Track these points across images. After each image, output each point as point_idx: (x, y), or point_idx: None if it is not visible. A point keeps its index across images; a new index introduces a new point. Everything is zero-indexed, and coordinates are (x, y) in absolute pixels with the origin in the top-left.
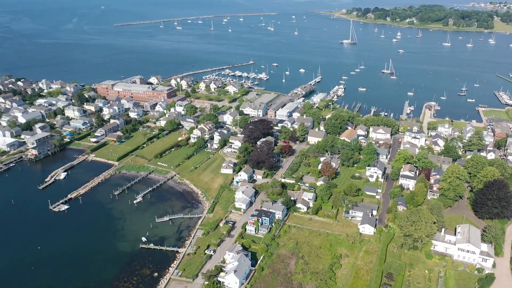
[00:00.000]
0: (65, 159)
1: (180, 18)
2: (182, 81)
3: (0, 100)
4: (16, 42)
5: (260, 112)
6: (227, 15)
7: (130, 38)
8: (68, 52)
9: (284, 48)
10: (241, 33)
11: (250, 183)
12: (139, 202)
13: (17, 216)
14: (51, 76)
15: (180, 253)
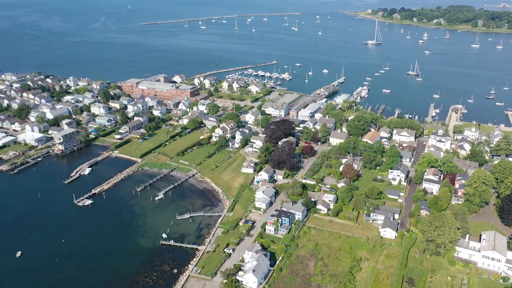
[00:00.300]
0: (90, 155)
1: (204, 17)
2: (205, 80)
3: (30, 96)
4: (45, 40)
5: (282, 112)
6: (251, 15)
7: (155, 37)
8: (95, 50)
9: (308, 48)
10: (265, 32)
11: (271, 183)
12: (161, 199)
13: (43, 209)
14: (78, 73)
15: (200, 250)
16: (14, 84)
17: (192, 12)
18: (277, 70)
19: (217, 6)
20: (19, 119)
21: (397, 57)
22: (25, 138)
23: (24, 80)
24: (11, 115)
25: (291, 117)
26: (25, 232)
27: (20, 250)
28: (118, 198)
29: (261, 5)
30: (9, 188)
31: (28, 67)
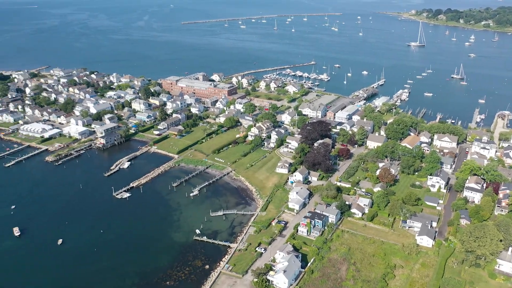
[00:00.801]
0: (129, 150)
1: (244, 17)
2: (243, 79)
3: (75, 91)
4: (92, 37)
5: (319, 113)
6: (291, 15)
7: (195, 36)
8: (138, 48)
9: (348, 49)
10: (304, 32)
11: (305, 184)
12: (195, 195)
13: (84, 200)
14: (121, 70)
15: (232, 248)
16: (61, 79)
17: (232, 11)
18: (316, 71)
19: (257, 6)
20: (65, 113)
21: (441, 59)
22: (69, 131)
23: (70, 75)
24: (57, 108)
25: (328, 118)
26: (67, 221)
27: (61, 238)
28: (155, 192)
29: (301, 5)
30: (53, 178)
31: (75, 63)
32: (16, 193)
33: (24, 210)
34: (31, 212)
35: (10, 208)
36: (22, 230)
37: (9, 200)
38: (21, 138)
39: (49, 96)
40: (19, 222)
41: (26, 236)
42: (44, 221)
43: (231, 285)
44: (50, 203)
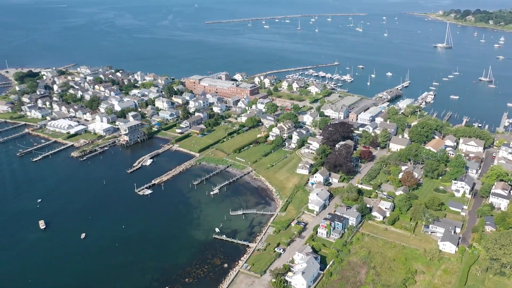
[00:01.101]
0: (152, 147)
1: (268, 17)
2: (265, 79)
3: (101, 88)
4: (117, 36)
5: (341, 114)
6: (315, 15)
7: (219, 36)
8: (162, 47)
9: (372, 50)
10: (328, 33)
11: (325, 186)
12: (216, 194)
13: (107, 196)
14: (145, 68)
15: (251, 247)
16: (88, 77)
17: (256, 11)
18: (339, 72)
19: (281, 5)
20: (90, 110)
21: (468, 61)
22: (94, 127)
23: (96, 73)
24: (83, 105)
25: (350, 120)
26: (90, 215)
27: (84, 232)
28: (176, 190)
29: (326, 5)
30: (78, 173)
31: (101, 61)
32: (42, 187)
33: (50, 204)
34: (56, 206)
35: (37, 201)
36: (47, 224)
37: (35, 193)
38: (48, 133)
39: (76, 93)
40: (45, 215)
41: (51, 229)
42: (68, 215)
43: (249, 285)
44: (74, 197)
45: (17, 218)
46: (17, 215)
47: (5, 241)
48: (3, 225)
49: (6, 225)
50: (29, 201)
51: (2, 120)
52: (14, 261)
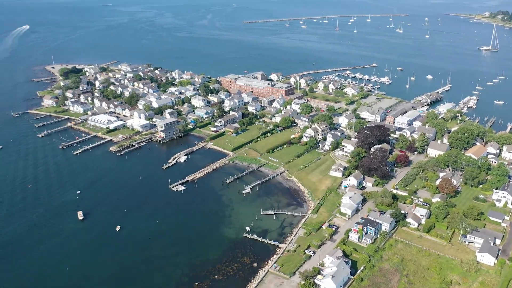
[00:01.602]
0: (187, 144)
1: (306, 17)
2: (301, 79)
3: (140, 85)
4: (157, 34)
5: (377, 117)
6: (354, 15)
7: (256, 35)
8: (200, 45)
9: (412, 51)
10: (367, 34)
11: (359, 189)
12: (248, 193)
13: (142, 190)
14: (183, 67)
15: (281, 248)
16: (128, 74)
17: (294, 11)
18: (377, 73)
19: (319, 5)
20: (129, 106)
21: None
22: (132, 123)
23: (136, 70)
24: (123, 101)
25: (387, 123)
26: (125, 209)
27: (119, 224)
28: (209, 187)
29: (365, 6)
30: (116, 167)
31: (141, 59)
32: (81, 179)
33: (88, 195)
34: (94, 198)
35: (76, 193)
36: (85, 215)
37: (75, 185)
38: (89, 128)
39: (116, 89)
40: (83, 206)
41: (89, 220)
42: (105, 208)
43: (278, 285)
44: (111, 190)
45: (58, 208)
46: (58, 206)
47: (47, 230)
48: (45, 214)
49: (49, 214)
50: (69, 192)
51: (47, 113)
52: (54, 249)
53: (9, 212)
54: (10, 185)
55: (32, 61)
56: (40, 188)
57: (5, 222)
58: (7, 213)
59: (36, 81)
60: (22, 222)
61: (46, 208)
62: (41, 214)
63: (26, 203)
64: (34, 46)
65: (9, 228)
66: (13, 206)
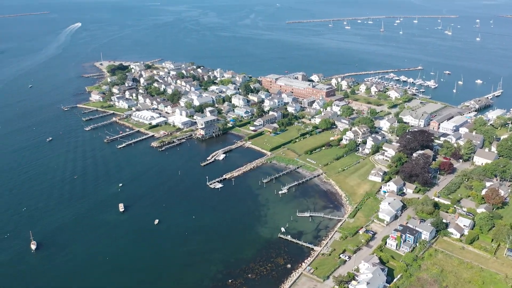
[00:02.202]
0: (226, 143)
1: (350, 17)
2: (343, 81)
3: (182, 83)
4: (201, 33)
5: (421, 122)
6: (400, 16)
7: (299, 35)
8: (242, 45)
9: (461, 55)
10: (413, 35)
11: (399, 195)
12: (284, 194)
13: (180, 186)
14: (225, 66)
15: (315, 251)
16: (171, 71)
17: (337, 12)
18: (422, 77)
19: (364, 6)
20: (171, 103)
21: None
22: (174, 120)
23: (179, 68)
24: (165, 98)
25: (431, 128)
26: (164, 203)
27: (157, 218)
28: (246, 186)
29: (412, 6)
30: (157, 162)
31: (184, 57)
32: (124, 172)
33: (129, 189)
34: (134, 191)
35: (118, 185)
36: (126, 207)
37: (118, 178)
38: (133, 123)
39: (159, 86)
40: (124, 199)
41: (129, 213)
42: (144, 201)
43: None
44: (151, 185)
45: (101, 200)
46: (102, 197)
47: (91, 220)
48: (90, 205)
49: (92, 205)
50: (112, 184)
51: (94, 108)
52: (96, 239)
53: (58, 201)
54: (60, 175)
55: (82, 57)
56: (86, 180)
57: (55, 210)
58: (56, 202)
59: (85, 76)
60: (70, 211)
61: (90, 199)
62: (86, 205)
63: (73, 193)
64: (85, 43)
65: (58, 216)
66: (62, 196)
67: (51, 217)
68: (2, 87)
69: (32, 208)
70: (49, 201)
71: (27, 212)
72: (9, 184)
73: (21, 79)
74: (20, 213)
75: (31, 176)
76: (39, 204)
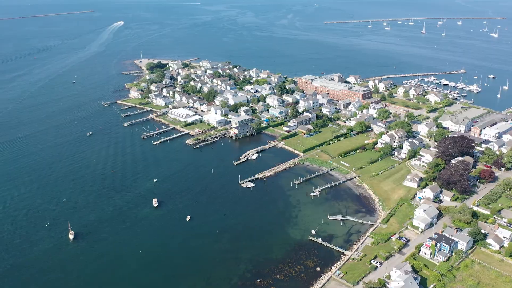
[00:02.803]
0: (259, 142)
1: (390, 18)
2: (380, 83)
3: (218, 82)
4: (238, 33)
5: (462, 127)
6: (443, 18)
7: (336, 36)
8: (279, 45)
9: (508, 58)
10: (456, 37)
11: (435, 203)
12: (316, 196)
13: (213, 184)
14: (260, 66)
15: (346, 255)
16: (208, 70)
17: (377, 12)
18: (464, 80)
19: (405, 7)
20: (207, 102)
21: None
22: (209, 118)
23: (216, 68)
24: (201, 97)
25: (472, 134)
26: (196, 200)
27: (189, 214)
28: (277, 186)
29: (456, 7)
30: (191, 159)
31: (221, 56)
32: (158, 168)
33: (163, 184)
34: (168, 187)
35: (153, 181)
36: (159, 202)
37: (153, 173)
38: (169, 120)
39: (196, 85)
40: (158, 194)
41: (162, 208)
42: (177, 197)
43: None
44: (184, 181)
45: (137, 195)
46: (137, 192)
47: (126, 214)
48: (125, 199)
49: (128, 199)
50: (147, 180)
51: (132, 105)
52: (130, 232)
53: (97, 195)
54: (100, 169)
55: (123, 55)
56: (122, 174)
57: (93, 202)
58: (95, 195)
59: (125, 74)
60: (106, 204)
61: (126, 193)
62: (122, 199)
63: (110, 187)
64: (126, 41)
65: (95, 208)
66: (101, 189)
67: (89, 209)
68: (48, 83)
69: (71, 200)
70: (87, 194)
71: (66, 204)
72: (52, 176)
73: (65, 75)
74: (60, 204)
75: (73, 169)
76: (78, 196)
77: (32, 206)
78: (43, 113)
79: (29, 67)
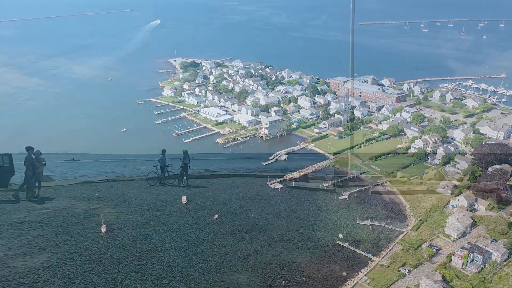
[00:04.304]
0: (289, 143)
1: (428, 20)
2: (415, 86)
3: (250, 82)
4: (271, 33)
5: (500, 134)
6: (485, 19)
7: (371, 37)
8: (312, 46)
9: None
10: (498, 40)
11: (469, 211)
12: (344, 199)
13: (241, 183)
14: (293, 66)
15: (373, 261)
16: (240, 70)
17: (414, 13)
18: (505, 85)
19: (444, 7)
20: (238, 101)
21: None
22: (239, 118)
23: (248, 68)
24: (233, 97)
25: (511, 142)
26: (224, 199)
27: (217, 213)
28: (306, 188)
29: (500, 9)
30: (220, 158)
31: (254, 56)
32: (190, 166)
33: (192, 182)
34: (198, 185)
35: (183, 178)
36: (188, 200)
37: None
38: (200, 119)
39: (228, 84)
40: (188, 192)
41: (191, 205)
42: (206, 195)
43: None
44: (214, 180)
45: (166, 192)
46: (167, 189)
47: (156, 210)
48: (156, 197)
49: (159, 197)
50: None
51: (165, 103)
52: (160, 229)
53: None
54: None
55: (158, 53)
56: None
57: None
58: None
59: (160, 72)
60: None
61: (157, 189)
62: (155, 195)
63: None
64: (162, 40)
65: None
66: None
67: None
68: (86, 80)
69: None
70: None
71: (100, 198)
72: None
73: (102, 73)
74: (93, 198)
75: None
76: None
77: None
78: (80, 111)
79: (68, 64)
